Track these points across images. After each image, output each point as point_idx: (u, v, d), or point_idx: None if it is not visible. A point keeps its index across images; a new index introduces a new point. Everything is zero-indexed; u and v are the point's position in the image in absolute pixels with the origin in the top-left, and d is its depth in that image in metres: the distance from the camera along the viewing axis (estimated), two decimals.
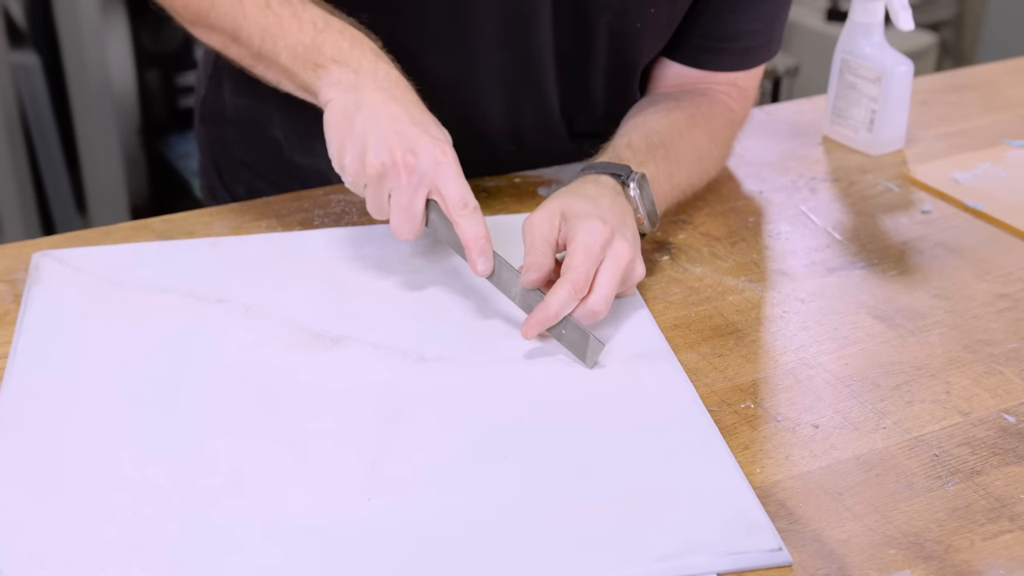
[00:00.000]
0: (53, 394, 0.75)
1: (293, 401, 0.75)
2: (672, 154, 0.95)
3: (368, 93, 0.83)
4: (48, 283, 0.86)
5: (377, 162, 0.80)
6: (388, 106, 0.82)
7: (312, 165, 1.05)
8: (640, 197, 0.88)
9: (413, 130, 0.81)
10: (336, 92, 0.84)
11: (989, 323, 0.86)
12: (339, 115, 0.83)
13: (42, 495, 0.67)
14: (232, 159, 1.12)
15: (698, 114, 1.00)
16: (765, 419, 0.76)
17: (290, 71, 0.86)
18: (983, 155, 1.12)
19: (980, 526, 0.67)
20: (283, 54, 0.86)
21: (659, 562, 0.63)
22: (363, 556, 0.63)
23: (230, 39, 0.89)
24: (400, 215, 0.82)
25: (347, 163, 0.82)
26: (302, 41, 0.85)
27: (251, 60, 0.89)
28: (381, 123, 0.81)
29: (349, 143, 0.82)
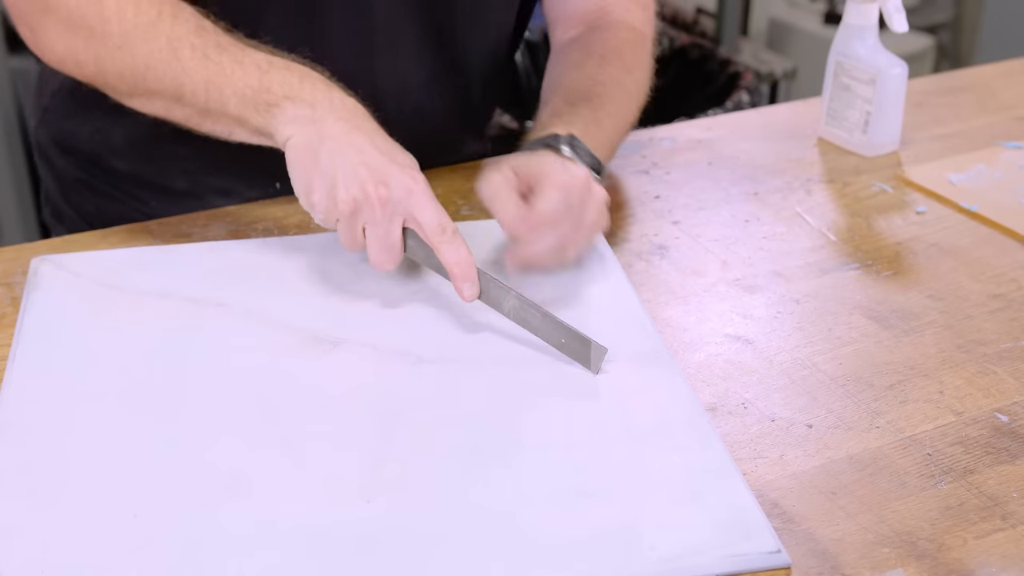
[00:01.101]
0: (53, 399, 0.75)
1: (292, 404, 0.75)
2: (595, 102, 0.96)
3: (328, 125, 0.81)
4: (47, 288, 0.86)
5: (348, 198, 0.79)
6: (351, 136, 0.81)
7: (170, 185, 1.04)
8: (575, 154, 0.90)
9: (381, 160, 0.80)
10: (294, 128, 0.82)
11: (982, 323, 0.86)
12: (302, 151, 0.81)
13: (42, 501, 0.67)
14: (79, 184, 1.09)
15: (607, 52, 1.01)
16: (759, 419, 0.76)
17: (241, 118, 0.84)
18: (977, 156, 1.12)
19: (972, 524, 0.68)
20: (231, 102, 0.83)
21: (658, 564, 0.63)
22: (362, 558, 0.63)
23: (173, 100, 0.86)
24: (378, 247, 0.81)
25: (316, 200, 0.81)
26: (249, 84, 0.83)
27: (198, 118, 0.86)
28: (347, 156, 0.80)
29: (317, 180, 0.80)
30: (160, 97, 0.86)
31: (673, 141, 1.14)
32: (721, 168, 1.10)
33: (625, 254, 0.95)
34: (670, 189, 1.06)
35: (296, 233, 0.96)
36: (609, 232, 0.97)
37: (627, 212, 1.02)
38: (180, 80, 0.84)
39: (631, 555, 0.64)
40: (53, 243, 0.94)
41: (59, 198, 1.11)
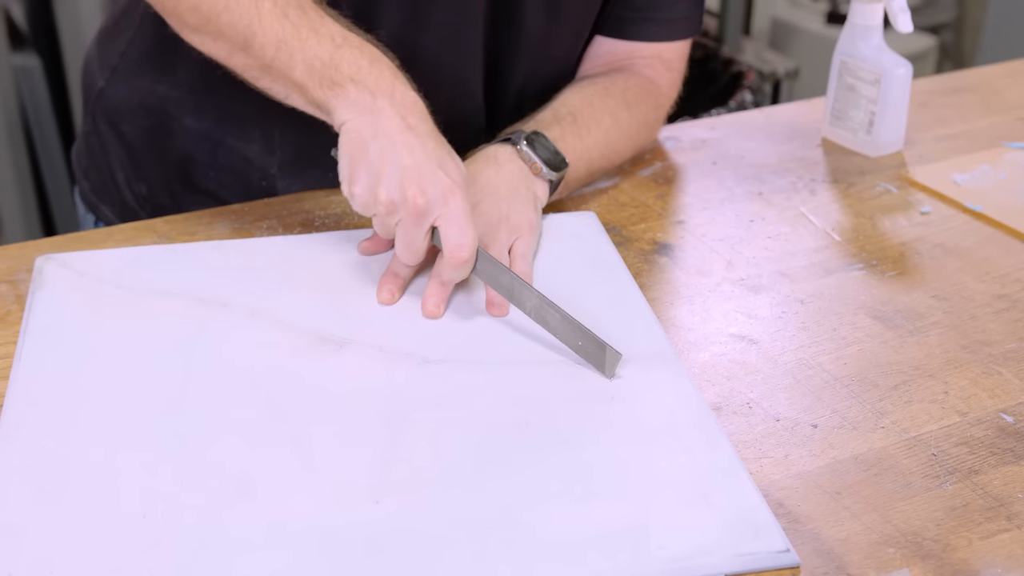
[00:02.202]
0: (59, 399, 0.75)
1: (299, 405, 0.75)
2: (581, 119, 0.99)
3: (385, 119, 0.82)
4: (52, 287, 0.86)
5: (387, 199, 0.80)
6: (404, 135, 0.81)
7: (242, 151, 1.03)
8: (532, 149, 0.93)
9: (427, 165, 0.81)
10: (352, 114, 0.82)
11: (987, 323, 0.86)
12: (354, 140, 0.82)
13: (50, 499, 0.67)
14: (136, 153, 1.07)
15: (612, 86, 1.04)
16: (764, 419, 0.76)
17: (303, 86, 0.84)
18: (982, 157, 1.12)
19: (978, 525, 0.68)
20: (298, 68, 0.83)
21: (667, 564, 0.63)
22: (371, 558, 0.63)
23: (238, 47, 0.85)
24: (404, 246, 0.83)
25: (357, 192, 0.82)
26: (319, 56, 0.83)
27: (257, 71, 0.86)
28: (396, 155, 0.81)
29: (362, 172, 0.81)
30: (226, 41, 0.85)
31: (677, 141, 1.14)
32: (725, 168, 1.10)
33: (630, 254, 0.95)
34: (674, 189, 1.06)
35: (300, 232, 0.96)
36: (614, 232, 0.98)
37: (632, 212, 1.02)
38: (253, 30, 0.83)
39: (640, 555, 0.64)
40: (57, 241, 0.94)
41: (108, 174, 1.10)
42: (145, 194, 1.07)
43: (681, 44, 1.08)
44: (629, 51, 1.07)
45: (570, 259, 0.92)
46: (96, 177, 1.11)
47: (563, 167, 0.95)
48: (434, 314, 0.84)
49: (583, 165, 0.99)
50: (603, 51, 1.08)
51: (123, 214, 1.09)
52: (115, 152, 1.08)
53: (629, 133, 1.05)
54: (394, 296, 0.86)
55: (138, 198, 1.08)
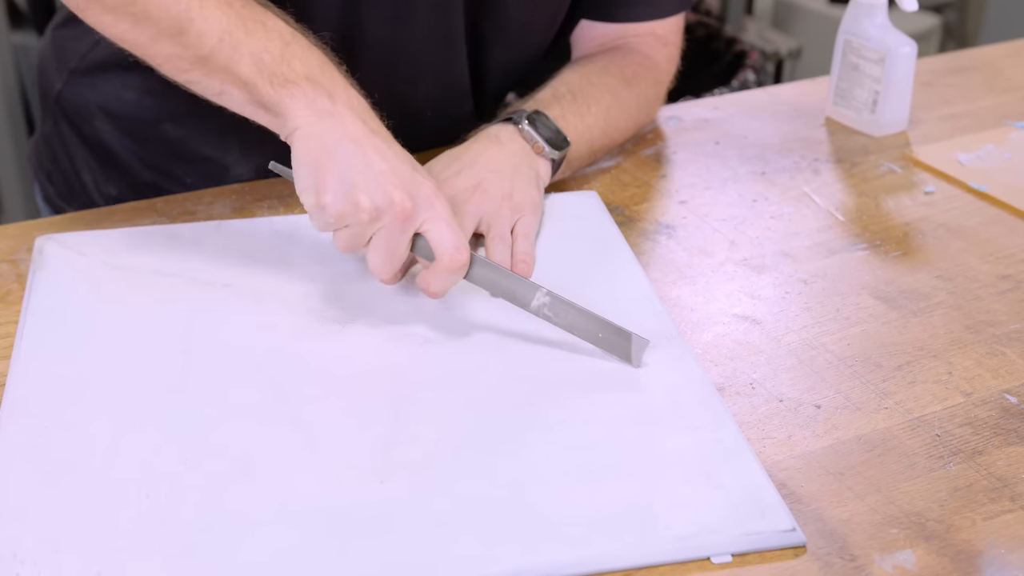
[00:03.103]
0: (61, 379, 0.75)
1: (302, 385, 0.75)
2: (580, 98, 0.98)
3: (348, 123, 0.77)
4: (52, 267, 0.86)
5: (370, 204, 0.75)
6: (372, 139, 0.77)
7: (218, 159, 1.01)
8: (534, 128, 0.92)
9: (405, 169, 0.77)
10: (310, 117, 0.76)
11: (991, 304, 0.86)
12: (315, 148, 0.76)
13: (53, 480, 0.67)
14: (103, 158, 1.04)
15: (610, 64, 1.03)
16: (767, 399, 0.76)
17: (249, 83, 0.77)
18: (986, 136, 1.11)
19: (981, 506, 0.67)
20: (244, 62, 0.77)
21: (673, 543, 0.63)
22: (376, 538, 0.63)
23: (167, 34, 0.77)
24: (384, 256, 0.78)
25: (329, 201, 0.75)
26: (269, 51, 0.77)
27: (187, 63, 0.78)
28: (371, 161, 0.76)
29: (331, 180, 0.75)
30: (152, 26, 0.77)
31: (679, 120, 1.14)
32: (728, 148, 1.09)
33: (632, 234, 0.94)
34: (677, 169, 1.05)
35: (302, 212, 0.96)
36: (616, 211, 0.97)
37: (634, 192, 1.01)
38: (191, 16, 0.76)
39: (646, 534, 0.64)
40: (57, 221, 0.94)
41: (74, 177, 1.07)
42: (115, 195, 1.05)
43: (674, 20, 1.07)
44: (622, 31, 1.06)
45: (572, 239, 0.92)
46: (61, 181, 1.08)
47: (565, 146, 0.94)
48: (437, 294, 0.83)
49: (584, 143, 0.99)
50: (595, 34, 1.07)
51: None
52: (80, 155, 1.05)
53: (630, 110, 1.04)
54: (396, 276, 0.85)
55: (108, 199, 1.05)
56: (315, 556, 0.62)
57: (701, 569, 0.63)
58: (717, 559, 0.63)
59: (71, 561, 0.61)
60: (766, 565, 0.63)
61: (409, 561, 0.62)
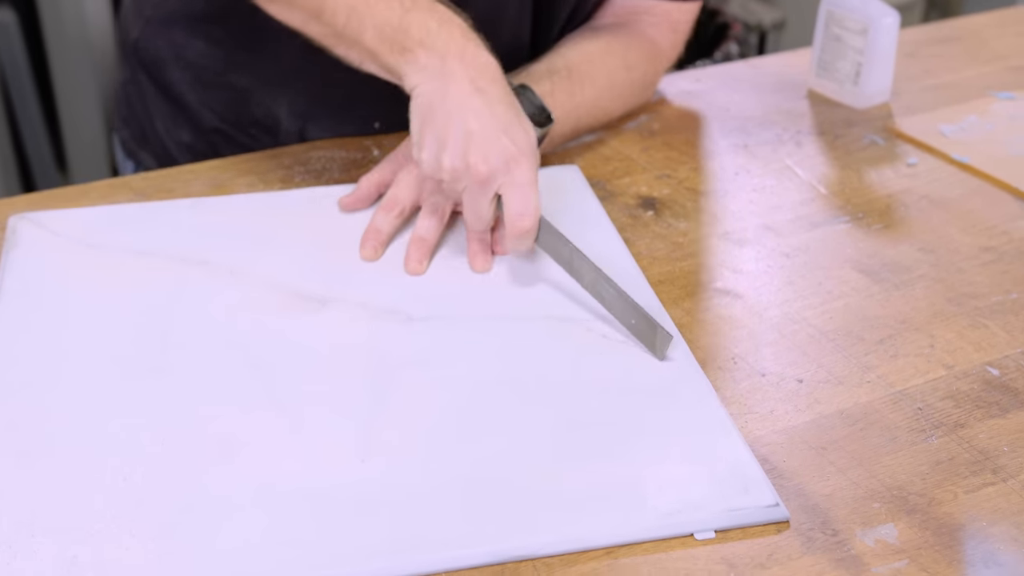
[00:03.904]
0: (37, 360, 0.74)
1: (282, 364, 0.74)
2: (576, 76, 0.98)
3: (454, 82, 0.81)
4: (26, 247, 0.85)
5: (450, 166, 0.80)
6: (471, 100, 0.80)
7: (273, 113, 1.03)
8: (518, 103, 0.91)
9: (493, 131, 0.80)
10: (422, 79, 0.82)
11: (974, 276, 0.86)
12: (423, 106, 0.81)
13: (29, 462, 0.66)
14: (175, 105, 1.07)
15: (615, 45, 1.02)
16: (749, 374, 0.75)
17: (375, 52, 0.83)
18: (969, 107, 1.11)
19: (963, 479, 0.67)
20: (368, 34, 0.83)
21: (657, 520, 0.63)
22: (358, 518, 0.63)
23: (312, 16, 0.85)
24: (471, 213, 0.82)
25: (424, 157, 0.81)
26: (389, 21, 0.82)
27: (333, 39, 0.86)
28: (463, 121, 0.80)
29: (429, 137, 0.81)
30: (300, 10, 0.85)
31: (661, 94, 1.13)
32: (710, 121, 1.08)
33: (614, 208, 0.94)
34: (659, 142, 1.04)
35: (280, 188, 0.95)
36: (598, 186, 0.96)
37: (616, 166, 1.00)
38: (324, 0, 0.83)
39: (630, 512, 0.63)
40: (32, 199, 0.93)
41: (148, 123, 1.09)
42: (187, 141, 1.07)
43: (693, 5, 1.06)
44: (644, 7, 1.05)
45: (554, 213, 0.91)
46: (136, 125, 1.11)
47: (548, 123, 0.93)
48: (416, 271, 0.83)
49: (570, 122, 0.98)
50: (617, 5, 1.06)
51: (163, 161, 1.08)
52: (154, 102, 1.08)
53: (623, 95, 1.04)
54: (377, 252, 0.85)
55: (179, 145, 1.07)
56: (295, 537, 0.62)
57: (684, 545, 0.63)
58: (700, 535, 0.63)
59: (47, 544, 0.61)
60: (748, 541, 0.63)
61: (392, 540, 0.61)
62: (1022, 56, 1.23)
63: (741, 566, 0.61)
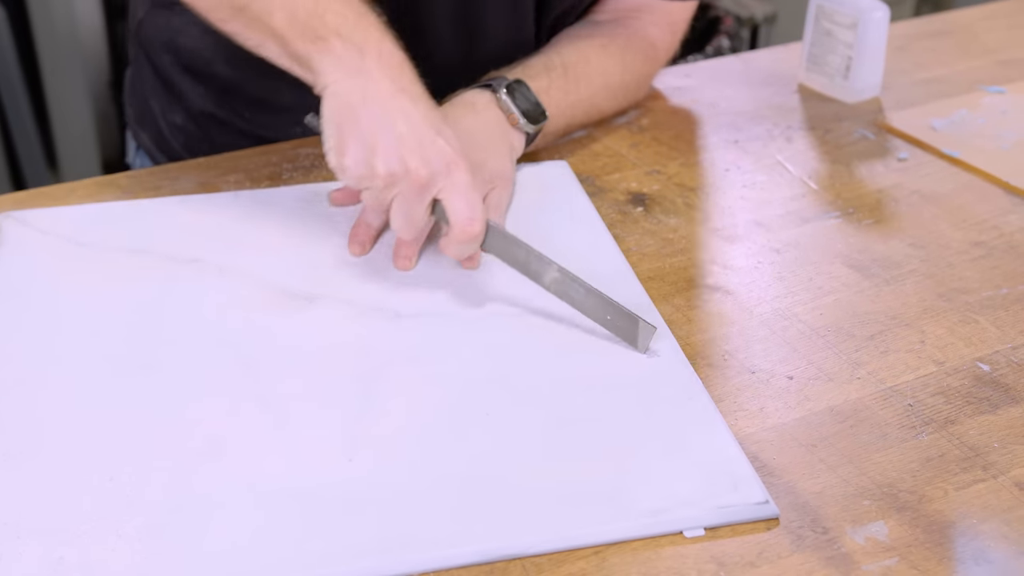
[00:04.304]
0: (24, 360, 0.74)
1: (270, 362, 0.74)
2: (571, 74, 0.97)
3: (374, 81, 0.75)
4: (13, 246, 0.84)
5: (386, 171, 0.74)
6: (397, 100, 0.75)
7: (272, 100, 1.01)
8: (512, 99, 0.91)
9: (426, 132, 0.75)
10: (338, 75, 0.76)
11: (964, 271, 0.86)
12: (341, 107, 0.75)
13: (16, 463, 0.66)
14: (168, 87, 1.05)
15: (611, 45, 1.01)
16: (739, 371, 0.75)
17: (283, 37, 0.76)
18: (960, 101, 1.11)
19: (954, 476, 0.67)
20: (277, 15, 0.76)
21: (646, 517, 0.63)
22: (346, 517, 0.62)
23: None
24: (403, 220, 0.78)
25: (349, 164, 0.75)
26: (303, 4, 0.75)
27: (227, 12, 0.79)
28: (391, 123, 0.74)
29: (352, 142, 0.75)
30: None
31: (651, 88, 1.13)
32: (701, 116, 1.08)
33: (604, 205, 0.93)
34: (649, 138, 1.04)
35: (268, 186, 0.94)
36: (587, 182, 0.96)
37: (605, 162, 1.00)
38: None
39: (619, 509, 0.63)
40: (18, 197, 0.92)
41: (145, 103, 1.08)
42: (179, 124, 1.06)
43: (691, 4, 1.06)
44: (646, 6, 1.04)
45: (543, 209, 0.91)
46: (137, 105, 1.11)
47: (542, 120, 0.93)
48: (405, 267, 0.83)
49: (564, 120, 0.98)
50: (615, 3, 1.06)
51: (159, 142, 1.08)
52: (150, 82, 1.07)
53: (618, 95, 1.03)
54: (364, 248, 0.84)
55: (172, 127, 1.06)
56: (283, 536, 0.61)
57: (673, 544, 0.62)
58: (690, 533, 0.63)
59: (33, 546, 0.60)
60: (737, 539, 0.63)
61: (379, 538, 0.61)
62: (1013, 50, 1.22)
63: (731, 564, 0.61)
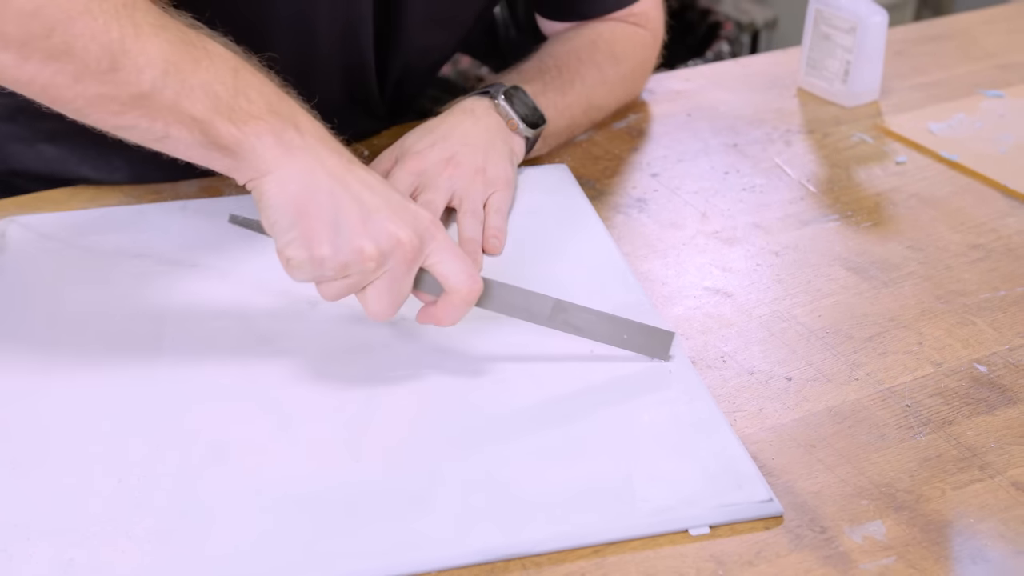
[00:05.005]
0: (29, 364, 0.74)
1: (274, 366, 0.74)
2: (566, 74, 0.97)
3: (323, 159, 0.67)
4: (16, 251, 0.85)
5: (375, 250, 0.66)
6: (354, 173, 0.68)
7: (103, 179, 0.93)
8: (510, 104, 0.91)
9: (398, 200, 0.69)
10: (282, 157, 0.66)
11: (962, 274, 0.86)
12: (294, 192, 0.66)
13: (23, 467, 0.66)
14: None
15: (600, 40, 1.02)
16: (738, 372, 0.75)
17: (204, 123, 0.65)
18: (958, 105, 1.11)
19: (951, 475, 0.67)
20: (196, 97, 0.64)
21: (651, 516, 0.63)
22: (347, 519, 0.63)
23: (95, 71, 0.62)
24: (388, 301, 0.69)
25: (327, 254, 0.66)
26: (222, 81, 0.65)
27: (121, 104, 0.64)
28: (362, 199, 0.67)
29: (323, 229, 0.66)
30: (74, 62, 0.62)
31: (651, 92, 1.13)
32: (700, 119, 1.08)
33: (604, 207, 0.94)
34: (648, 141, 1.05)
35: None
36: (587, 185, 0.97)
37: (605, 165, 1.00)
38: (125, 47, 0.62)
39: (623, 508, 0.64)
40: (20, 201, 0.92)
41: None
42: None
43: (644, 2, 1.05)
44: (622, 14, 1.05)
45: (543, 212, 0.91)
46: None
47: (540, 124, 0.93)
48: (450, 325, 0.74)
49: (563, 120, 0.98)
50: (560, 28, 1.05)
51: None
52: None
53: (614, 89, 1.04)
54: None
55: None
56: (289, 540, 0.62)
57: (672, 543, 0.63)
58: (695, 531, 0.63)
59: (43, 548, 0.61)
60: (737, 538, 0.63)
61: (381, 540, 0.62)
62: (1011, 54, 1.23)
63: (729, 563, 0.61)
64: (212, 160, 0.67)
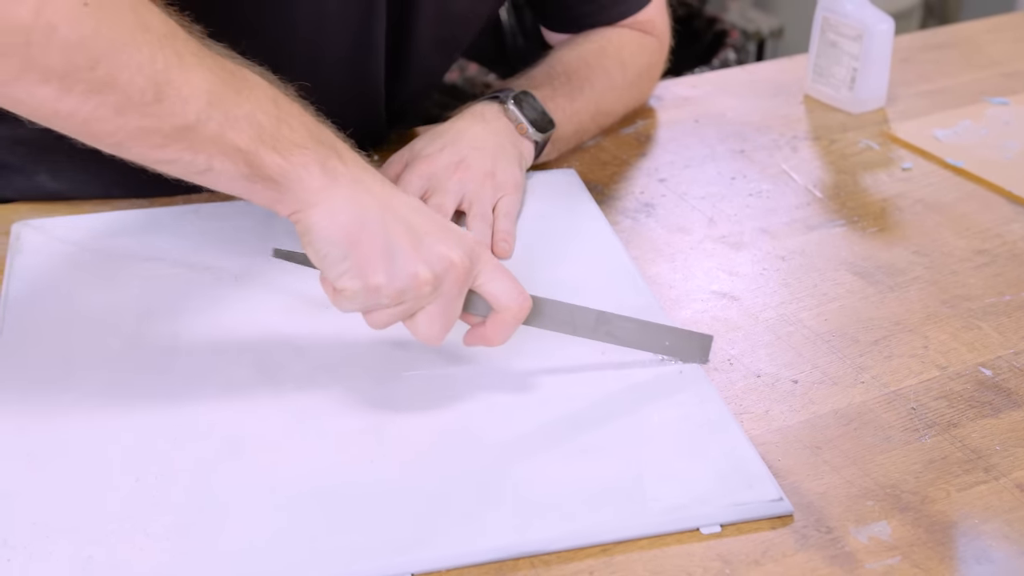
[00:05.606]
0: (46, 365, 0.75)
1: (289, 366, 0.75)
2: (575, 80, 0.98)
3: (370, 186, 0.66)
4: (30, 253, 0.85)
5: (429, 274, 0.66)
6: (400, 198, 0.67)
7: None
8: (520, 109, 0.92)
9: (444, 224, 0.68)
10: (326, 187, 0.64)
11: (967, 278, 0.87)
12: (345, 222, 0.64)
13: (41, 465, 0.67)
14: None
15: (608, 46, 1.03)
16: (745, 375, 0.76)
17: (249, 153, 0.62)
18: (964, 112, 1.12)
19: (956, 477, 0.68)
20: (241, 127, 0.62)
21: (662, 515, 0.64)
22: (367, 518, 0.64)
23: (138, 104, 0.59)
24: (440, 325, 0.68)
25: (383, 282, 0.65)
26: (265, 110, 0.63)
27: (164, 137, 0.61)
28: (412, 224, 0.66)
29: (377, 257, 0.65)
30: (117, 94, 0.59)
31: (659, 99, 1.14)
32: (707, 126, 1.09)
33: (612, 212, 0.95)
34: (656, 147, 1.05)
35: None
36: (596, 190, 0.97)
37: (613, 170, 1.01)
38: (169, 78, 0.60)
39: (635, 507, 0.64)
40: (34, 205, 0.93)
41: None
42: None
43: (649, 8, 1.06)
44: (628, 22, 1.05)
45: (551, 217, 0.92)
46: None
47: (550, 128, 0.94)
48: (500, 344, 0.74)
49: (572, 126, 0.99)
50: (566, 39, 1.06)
51: None
52: None
53: (622, 94, 1.05)
54: None
55: None
56: (304, 537, 0.62)
57: (679, 542, 0.63)
58: (707, 530, 0.64)
59: (62, 545, 0.62)
60: (743, 537, 0.64)
61: (391, 539, 0.62)
62: (1016, 62, 1.24)
63: (736, 563, 0.62)
64: (254, 193, 0.65)
